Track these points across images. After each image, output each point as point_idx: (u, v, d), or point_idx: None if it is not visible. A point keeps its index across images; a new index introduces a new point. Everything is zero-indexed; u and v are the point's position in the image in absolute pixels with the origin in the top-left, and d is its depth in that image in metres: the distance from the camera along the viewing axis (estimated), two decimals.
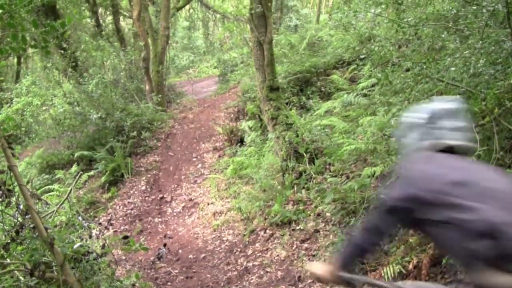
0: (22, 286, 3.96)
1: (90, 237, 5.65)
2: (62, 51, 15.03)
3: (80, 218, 5.88)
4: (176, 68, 27.08)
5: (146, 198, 10.89)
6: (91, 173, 12.09)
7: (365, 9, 7.67)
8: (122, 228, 9.87)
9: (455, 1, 6.45)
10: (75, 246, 4.34)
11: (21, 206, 4.07)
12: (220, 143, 12.62)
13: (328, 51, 12.92)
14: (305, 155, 8.31)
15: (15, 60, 23.43)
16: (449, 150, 2.34)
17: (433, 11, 7.14)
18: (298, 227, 7.29)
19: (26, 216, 4.05)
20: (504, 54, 4.62)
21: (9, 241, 3.97)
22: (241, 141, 11.77)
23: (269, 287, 6.44)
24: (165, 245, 8.36)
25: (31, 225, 4.05)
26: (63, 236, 4.11)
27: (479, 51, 4.72)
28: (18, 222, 4.09)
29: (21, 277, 3.95)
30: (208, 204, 9.90)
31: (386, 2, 6.92)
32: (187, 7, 25.56)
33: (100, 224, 9.03)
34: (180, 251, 8.32)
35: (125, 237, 8.95)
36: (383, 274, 5.00)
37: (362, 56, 8.54)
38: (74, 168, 12.32)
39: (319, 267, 2.51)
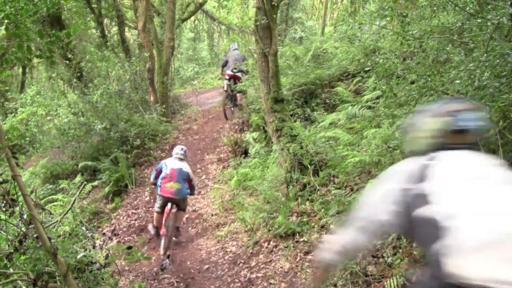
0: None
1: (94, 247, 5.65)
2: (67, 62, 15.09)
3: (83, 228, 5.87)
4: (181, 79, 27.11)
5: (150, 208, 10.87)
6: (95, 183, 12.09)
7: (370, 21, 7.69)
8: (125, 238, 9.86)
9: (460, 14, 6.47)
10: (78, 256, 4.33)
11: (25, 216, 4.07)
12: (224, 155, 12.62)
13: (333, 63, 12.92)
14: (309, 167, 8.30)
15: (20, 70, 23.52)
16: None
17: (438, 24, 7.15)
18: (302, 239, 7.27)
19: (30, 226, 4.05)
20: (509, 67, 4.62)
21: (12, 250, 3.96)
22: (246, 153, 11.76)
23: None
24: (168, 256, 8.33)
25: (35, 235, 4.05)
26: (66, 246, 4.10)
27: (484, 64, 4.72)
28: (21, 232, 4.09)
29: (24, 287, 3.94)
30: (212, 215, 9.88)
31: (391, 15, 6.93)
32: (192, 18, 25.64)
33: (103, 234, 9.03)
34: (183, 262, 8.31)
35: (129, 248, 8.93)
36: (386, 286, 4.98)
37: (367, 69, 8.54)
38: (78, 178, 12.32)
39: None
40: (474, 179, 2.16)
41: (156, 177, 8.99)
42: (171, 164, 9.00)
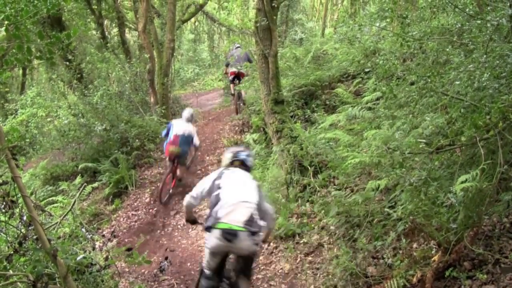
0: None
1: (94, 249, 5.64)
2: (67, 63, 15.07)
3: (83, 229, 5.88)
4: (181, 80, 27.09)
5: (150, 210, 10.88)
6: (95, 184, 12.08)
7: (370, 23, 7.69)
8: (125, 240, 9.85)
9: (459, 15, 6.47)
10: (78, 258, 4.34)
11: (25, 217, 4.07)
12: None
13: (333, 65, 12.90)
14: (309, 168, 8.29)
15: (20, 71, 23.53)
16: None
17: (437, 25, 7.15)
18: (302, 240, 7.27)
19: (30, 228, 4.05)
20: (509, 68, 4.62)
21: (12, 252, 3.97)
22: None
23: None
24: (166, 258, 8.33)
25: (34, 237, 4.05)
26: (66, 247, 4.11)
27: (484, 65, 4.71)
28: (21, 233, 4.09)
29: None
30: None
31: (391, 16, 6.94)
32: (193, 20, 25.65)
33: (103, 236, 9.03)
34: (183, 264, 8.29)
35: (129, 249, 8.92)
36: None
37: (367, 70, 8.53)
38: (78, 179, 12.31)
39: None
40: (235, 179, 5.24)
41: (166, 135, 10.97)
42: (177, 127, 10.82)
